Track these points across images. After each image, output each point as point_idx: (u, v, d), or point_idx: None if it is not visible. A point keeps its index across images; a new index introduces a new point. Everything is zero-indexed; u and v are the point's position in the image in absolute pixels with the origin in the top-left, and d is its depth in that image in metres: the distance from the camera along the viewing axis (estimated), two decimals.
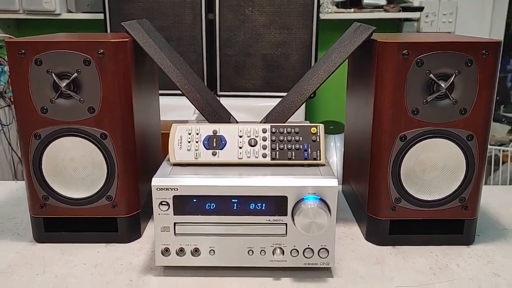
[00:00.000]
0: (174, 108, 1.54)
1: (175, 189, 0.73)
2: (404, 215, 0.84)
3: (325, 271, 0.77)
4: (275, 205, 0.73)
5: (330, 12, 2.39)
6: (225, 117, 0.92)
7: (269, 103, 1.05)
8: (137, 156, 0.84)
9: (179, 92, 0.85)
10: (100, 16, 2.19)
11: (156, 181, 0.73)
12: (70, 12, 2.41)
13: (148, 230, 0.91)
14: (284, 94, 0.95)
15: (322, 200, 0.73)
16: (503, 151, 2.37)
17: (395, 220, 0.84)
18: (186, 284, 0.74)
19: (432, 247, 0.85)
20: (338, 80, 1.37)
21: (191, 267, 0.76)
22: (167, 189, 0.73)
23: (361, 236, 0.89)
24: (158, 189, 0.73)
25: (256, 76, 2.18)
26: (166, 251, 0.75)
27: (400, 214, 0.84)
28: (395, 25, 2.61)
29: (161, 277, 0.76)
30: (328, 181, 0.73)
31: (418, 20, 2.47)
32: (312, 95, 0.85)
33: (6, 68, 2.20)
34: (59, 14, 2.37)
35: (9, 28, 2.59)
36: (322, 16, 2.26)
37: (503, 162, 2.41)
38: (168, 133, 0.80)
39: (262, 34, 2.13)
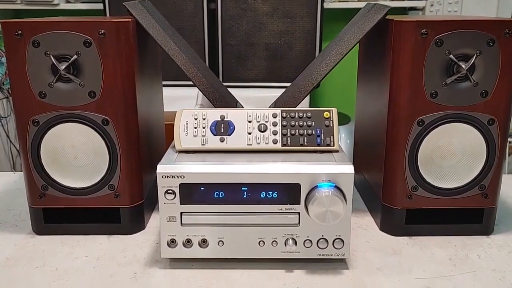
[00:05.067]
0: (177, 99, 1.50)
1: (182, 177, 0.69)
2: (421, 204, 0.80)
3: (339, 263, 0.73)
4: (288, 193, 0.69)
5: (334, 1, 2.35)
6: (232, 102, 0.88)
7: (272, 94, 1.01)
8: (140, 143, 0.80)
9: (181, 83, 0.81)
10: (99, 6, 2.14)
11: (161, 168, 0.69)
12: (69, 2, 2.37)
13: (152, 221, 0.87)
14: (287, 84, 0.91)
15: (337, 188, 0.69)
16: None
17: (411, 209, 0.81)
18: (194, 277, 0.70)
19: (450, 237, 0.81)
20: (343, 71, 1.33)
21: (199, 259, 0.72)
22: (173, 176, 0.69)
23: (375, 227, 0.85)
24: (164, 176, 0.69)
25: (259, 66, 2.13)
26: (172, 243, 0.71)
27: (417, 203, 0.80)
28: (400, 14, 2.56)
29: (167, 269, 0.72)
30: (344, 167, 0.69)
31: (423, 9, 2.43)
32: (316, 85, 0.81)
33: (4, 59, 2.16)
34: (57, 4, 2.32)
35: (7, 18, 2.54)
36: (326, 5, 2.21)
37: (509, 154, 2.37)
38: (172, 124, 0.76)
39: (265, 23, 2.09)
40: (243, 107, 0.90)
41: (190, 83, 0.81)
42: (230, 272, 0.71)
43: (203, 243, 0.71)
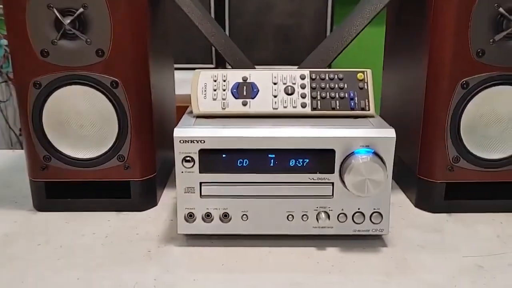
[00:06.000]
0: (187, 82, 1.42)
1: (202, 141, 0.61)
2: (463, 177, 0.72)
3: (376, 240, 0.66)
4: (320, 160, 0.62)
5: None
6: (251, 67, 0.80)
7: None
8: (153, 110, 0.72)
9: (191, 66, 0.73)
10: None
11: (179, 132, 0.61)
12: None
13: (164, 198, 0.80)
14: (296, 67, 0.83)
15: (376, 154, 0.61)
16: None
17: (451, 183, 0.73)
18: (214, 255, 0.62)
19: (494, 214, 0.73)
20: (358, 47, 1.25)
21: (220, 235, 0.65)
22: (192, 141, 0.61)
23: (409, 204, 0.78)
24: (182, 141, 0.61)
25: (268, 49, 2.05)
26: (190, 217, 0.63)
27: (458, 175, 0.72)
28: None
29: (184, 247, 0.64)
30: (384, 131, 0.62)
31: None
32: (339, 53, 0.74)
33: (2, 41, 2.08)
34: None
35: None
36: None
37: None
38: (182, 106, 0.68)
39: (273, 3, 2.01)
40: None
41: (197, 66, 0.73)
42: (255, 250, 0.63)
43: (225, 217, 0.64)
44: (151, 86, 0.71)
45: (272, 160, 0.62)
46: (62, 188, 0.74)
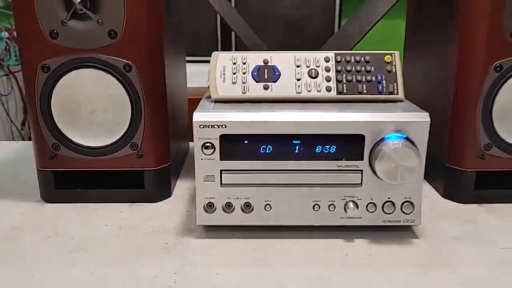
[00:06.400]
0: (197, 75, 1.38)
1: (223, 126, 0.57)
2: (494, 166, 0.69)
3: (407, 231, 0.62)
4: (349, 146, 0.58)
5: None
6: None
7: None
8: (168, 97, 0.69)
9: (202, 59, 0.69)
10: None
11: (199, 117, 0.57)
12: None
13: (178, 190, 0.76)
14: None
15: (408, 140, 0.57)
16: None
17: (482, 172, 0.69)
18: (235, 248, 0.59)
19: None
20: (377, 32, 1.22)
21: (241, 227, 0.61)
22: (213, 126, 0.57)
23: (436, 194, 0.74)
24: (202, 126, 0.57)
25: (275, 40, 2.01)
26: (209, 207, 0.60)
27: (490, 164, 0.69)
28: None
29: (204, 239, 0.61)
30: (418, 115, 0.58)
31: None
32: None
33: (4, 33, 2.04)
34: None
35: None
36: None
37: None
38: (194, 99, 0.65)
39: None
40: None
41: (204, 58, 0.69)
42: (278, 242, 0.60)
43: (247, 207, 0.60)
44: (165, 69, 0.68)
45: (297, 146, 0.58)
46: (71, 178, 0.70)
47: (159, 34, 0.66)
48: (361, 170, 0.59)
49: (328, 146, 0.58)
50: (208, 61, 0.64)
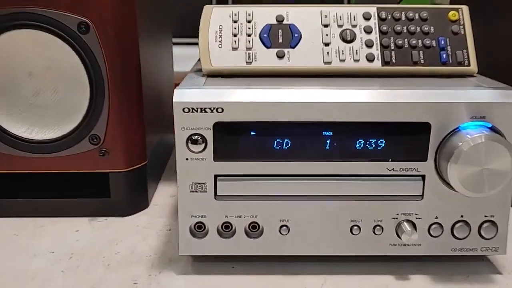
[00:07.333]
0: (188, 58, 1.22)
1: (219, 110, 0.38)
2: None
3: (486, 264, 0.43)
4: (405, 141, 0.39)
5: None
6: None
7: None
8: (143, 75, 0.50)
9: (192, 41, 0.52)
10: None
11: (182, 96, 0.38)
12: None
13: (158, 197, 0.58)
14: None
15: (495, 130, 0.38)
16: None
17: None
18: None
19: None
20: None
21: (245, 257, 0.42)
22: (203, 110, 0.38)
23: None
24: (187, 110, 0.38)
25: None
26: (198, 229, 0.41)
27: None
28: None
29: (189, 275, 0.42)
30: (507, 93, 0.39)
31: None
32: None
33: None
34: None
35: None
36: None
37: None
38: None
39: None
40: None
41: (196, 40, 0.49)
42: (300, 280, 0.41)
43: (253, 229, 0.41)
44: (138, 35, 0.49)
45: (328, 140, 0.40)
46: (9, 183, 0.51)
47: None
48: (423, 176, 0.40)
49: (373, 141, 0.40)
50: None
